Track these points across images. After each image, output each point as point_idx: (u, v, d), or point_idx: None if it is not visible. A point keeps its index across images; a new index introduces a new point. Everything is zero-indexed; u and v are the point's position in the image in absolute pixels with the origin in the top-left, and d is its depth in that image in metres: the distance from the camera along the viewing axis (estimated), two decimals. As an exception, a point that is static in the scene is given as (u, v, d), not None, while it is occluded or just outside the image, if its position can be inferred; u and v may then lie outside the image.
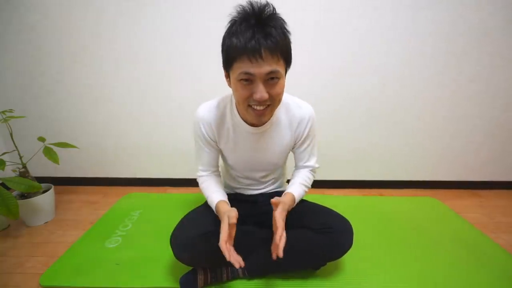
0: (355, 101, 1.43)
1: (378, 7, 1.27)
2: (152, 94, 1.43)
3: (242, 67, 0.64)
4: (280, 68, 0.66)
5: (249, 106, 0.70)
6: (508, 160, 1.54)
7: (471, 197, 1.52)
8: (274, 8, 0.65)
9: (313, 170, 0.92)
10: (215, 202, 0.82)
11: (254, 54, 0.61)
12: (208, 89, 1.38)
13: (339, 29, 1.31)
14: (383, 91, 1.41)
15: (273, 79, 0.66)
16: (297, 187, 0.86)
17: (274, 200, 0.76)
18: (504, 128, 1.48)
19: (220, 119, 0.83)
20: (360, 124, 1.48)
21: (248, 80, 0.65)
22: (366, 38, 1.32)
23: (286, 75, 0.72)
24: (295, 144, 0.88)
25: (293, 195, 0.82)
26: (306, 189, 0.89)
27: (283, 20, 0.66)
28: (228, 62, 0.67)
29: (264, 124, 0.80)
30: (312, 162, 0.91)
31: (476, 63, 1.36)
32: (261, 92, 0.65)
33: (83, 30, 1.32)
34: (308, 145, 0.88)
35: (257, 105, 0.69)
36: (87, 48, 1.35)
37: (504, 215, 1.32)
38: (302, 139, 0.86)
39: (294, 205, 0.83)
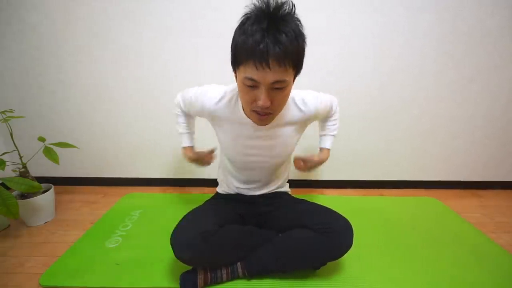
0: (355, 101, 1.43)
1: (378, 8, 1.27)
2: (152, 94, 1.43)
3: (247, 71, 0.63)
4: (287, 77, 0.64)
5: (253, 110, 0.71)
6: (509, 160, 1.54)
7: (471, 197, 1.52)
8: (293, 6, 0.61)
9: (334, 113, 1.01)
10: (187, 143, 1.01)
11: (260, 61, 0.59)
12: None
13: (338, 30, 1.31)
14: (383, 91, 1.41)
15: (278, 88, 0.65)
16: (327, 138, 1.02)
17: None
18: (505, 128, 1.48)
19: (226, 109, 0.83)
20: (360, 124, 1.47)
21: (253, 86, 0.65)
22: (366, 39, 1.32)
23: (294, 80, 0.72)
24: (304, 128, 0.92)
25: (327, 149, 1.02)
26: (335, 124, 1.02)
27: (299, 22, 0.63)
28: (236, 61, 0.67)
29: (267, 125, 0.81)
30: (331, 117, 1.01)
31: (476, 63, 1.36)
32: (264, 100, 0.65)
33: (83, 30, 1.32)
34: (328, 115, 0.99)
35: (260, 110, 0.70)
36: (87, 48, 1.35)
37: (504, 215, 1.32)
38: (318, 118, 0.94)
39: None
